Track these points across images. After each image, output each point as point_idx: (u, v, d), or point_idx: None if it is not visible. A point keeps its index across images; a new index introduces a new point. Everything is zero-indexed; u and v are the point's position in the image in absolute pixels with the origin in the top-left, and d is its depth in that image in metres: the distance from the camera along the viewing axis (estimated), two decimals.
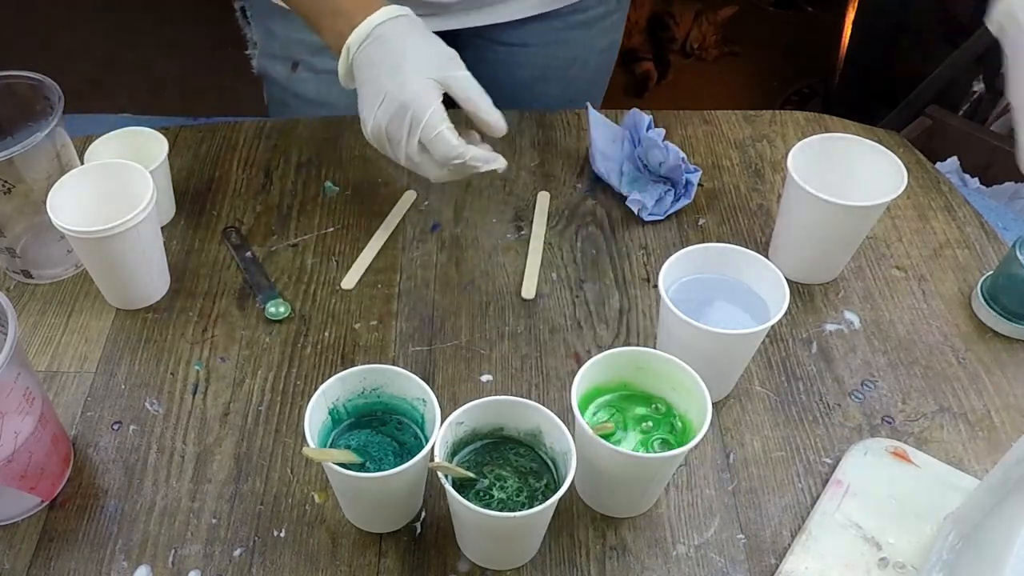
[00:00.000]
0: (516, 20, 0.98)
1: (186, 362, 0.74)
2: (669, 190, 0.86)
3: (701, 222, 0.86)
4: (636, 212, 0.85)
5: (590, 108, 0.89)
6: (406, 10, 0.74)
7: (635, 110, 0.89)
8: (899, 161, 0.76)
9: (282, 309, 0.77)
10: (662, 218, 0.85)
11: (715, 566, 0.63)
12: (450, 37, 1.01)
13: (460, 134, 0.72)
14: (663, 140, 0.85)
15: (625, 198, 0.86)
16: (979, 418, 0.71)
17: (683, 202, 0.86)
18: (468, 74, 0.73)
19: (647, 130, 0.86)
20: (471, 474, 0.59)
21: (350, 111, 0.80)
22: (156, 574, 0.62)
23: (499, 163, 0.74)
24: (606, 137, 0.88)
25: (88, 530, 0.64)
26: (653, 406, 0.65)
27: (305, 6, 0.78)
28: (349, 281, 0.80)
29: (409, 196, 0.87)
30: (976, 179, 1.67)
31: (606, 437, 0.60)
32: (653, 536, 0.64)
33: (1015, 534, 0.51)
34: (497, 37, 1.01)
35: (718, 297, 0.71)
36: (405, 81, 0.70)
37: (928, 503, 0.65)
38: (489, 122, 0.74)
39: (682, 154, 0.84)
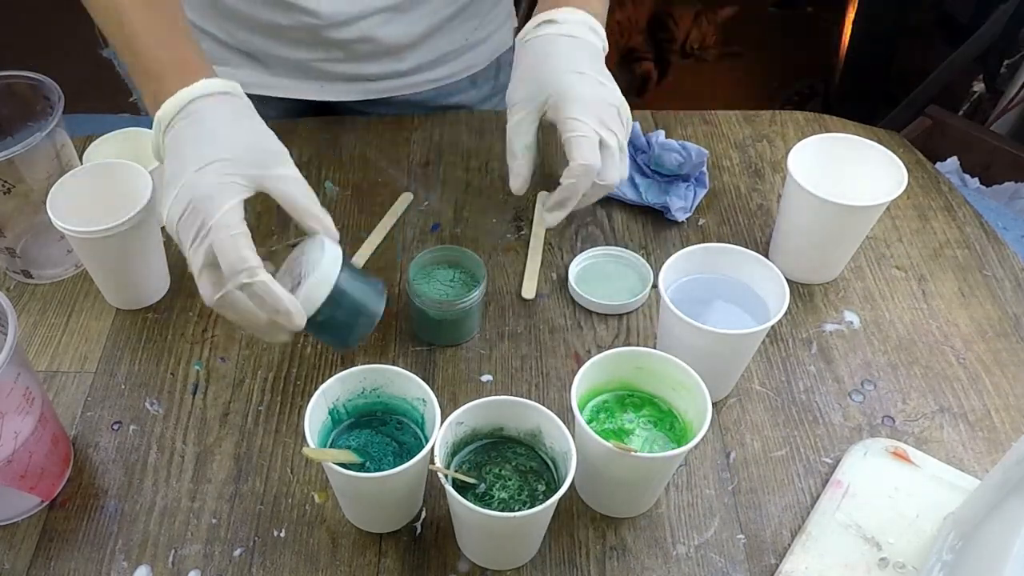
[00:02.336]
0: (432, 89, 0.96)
1: (186, 362, 0.74)
2: (690, 185, 0.86)
3: (701, 222, 0.86)
4: (675, 216, 0.85)
5: None
6: (232, 86, 0.64)
7: None
8: (899, 161, 0.76)
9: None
10: (691, 213, 0.86)
11: (715, 566, 0.63)
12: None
13: (274, 262, 0.62)
14: (667, 139, 0.85)
15: (643, 206, 0.86)
16: (979, 418, 0.71)
17: (703, 192, 0.86)
18: (292, 173, 0.62)
19: (648, 135, 0.86)
20: (472, 479, 0.58)
21: None
22: (156, 574, 0.62)
23: (290, 315, 0.58)
24: None
25: (88, 530, 0.64)
26: (653, 406, 0.65)
27: (126, 61, 0.66)
28: None
29: (405, 198, 0.87)
30: (976, 179, 1.67)
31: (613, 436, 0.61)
32: (653, 536, 0.64)
33: (1015, 534, 0.50)
34: (443, 102, 1.00)
35: (718, 297, 0.71)
36: (204, 173, 0.58)
37: (928, 503, 0.65)
38: (318, 228, 0.61)
39: (705, 151, 0.84)
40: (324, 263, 0.60)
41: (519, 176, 0.70)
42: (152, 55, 0.64)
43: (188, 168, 0.59)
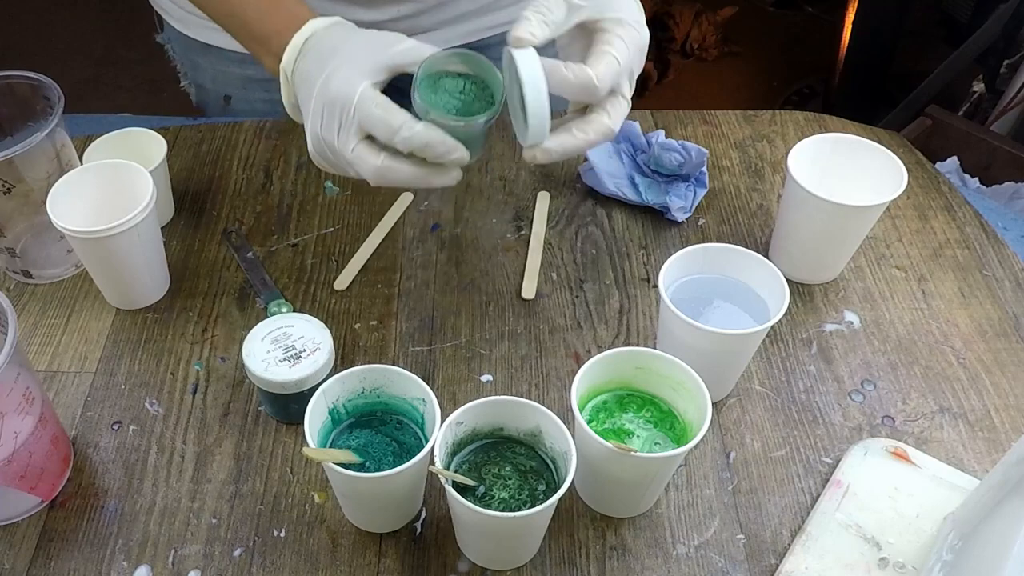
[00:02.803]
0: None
1: (186, 362, 0.74)
2: (690, 185, 0.86)
3: (701, 222, 0.86)
4: (675, 216, 0.85)
5: None
6: (336, 18, 0.66)
7: None
8: (899, 161, 0.76)
9: (284, 309, 0.77)
10: (691, 213, 0.86)
11: (715, 566, 0.63)
12: None
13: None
14: (667, 138, 0.85)
15: (643, 206, 0.86)
16: (979, 418, 0.72)
17: (702, 192, 0.86)
18: (414, 42, 0.62)
19: (648, 135, 0.86)
20: (471, 481, 0.58)
21: None
22: (156, 574, 0.62)
23: (457, 154, 0.61)
24: (602, 156, 0.87)
25: (88, 530, 0.64)
26: (653, 406, 0.65)
27: (238, 35, 0.71)
28: (342, 282, 0.80)
29: (406, 198, 0.87)
30: (976, 179, 1.67)
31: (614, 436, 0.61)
32: (653, 536, 0.64)
33: (1015, 534, 0.50)
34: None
35: (718, 297, 0.71)
36: (330, 76, 0.61)
37: (928, 503, 0.65)
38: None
39: (705, 150, 0.84)
40: (322, 364, 0.66)
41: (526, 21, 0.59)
42: (262, 20, 0.67)
43: (315, 85, 0.61)
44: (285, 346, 0.67)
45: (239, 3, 0.69)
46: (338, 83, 0.60)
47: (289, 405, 0.66)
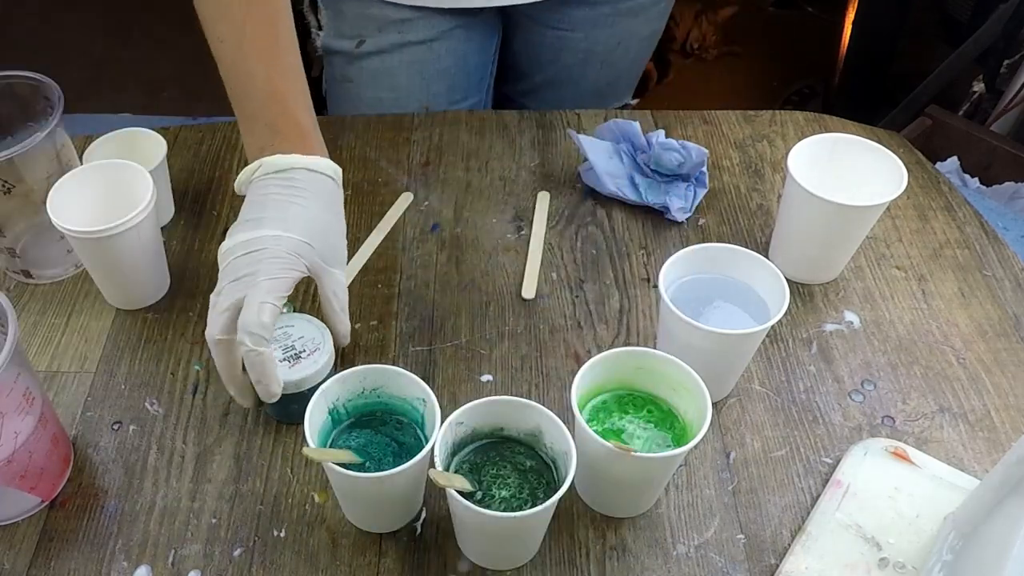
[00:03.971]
0: (566, 3, 0.98)
1: (186, 362, 0.74)
2: (690, 185, 0.86)
3: (701, 222, 0.86)
4: (675, 216, 0.85)
5: (574, 133, 0.89)
6: (336, 171, 0.69)
7: (614, 121, 0.88)
8: (899, 161, 0.76)
9: (285, 309, 0.77)
10: (691, 213, 0.86)
11: (715, 566, 0.63)
12: (503, 16, 1.01)
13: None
14: (667, 138, 0.85)
15: (643, 206, 0.86)
16: (979, 418, 0.72)
17: (702, 192, 0.86)
18: (342, 278, 0.68)
19: (648, 135, 0.86)
20: (468, 487, 0.58)
21: (411, 86, 0.74)
22: (156, 574, 0.62)
23: (271, 394, 0.62)
24: (602, 156, 0.87)
25: (88, 530, 0.64)
26: (653, 406, 0.65)
27: (238, 103, 0.70)
28: None
29: (406, 198, 0.87)
30: (976, 179, 1.67)
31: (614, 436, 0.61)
32: (653, 536, 0.64)
33: (1015, 534, 0.50)
34: (547, 21, 1.01)
35: (718, 297, 0.71)
36: (279, 240, 0.62)
37: (928, 503, 0.65)
38: (339, 329, 0.68)
39: (705, 150, 0.84)
40: (322, 364, 0.67)
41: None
42: (251, 110, 0.68)
43: (267, 227, 0.63)
44: (285, 346, 0.67)
45: (244, 75, 0.69)
46: (275, 254, 0.62)
47: (289, 405, 0.66)
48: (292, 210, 0.64)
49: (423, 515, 0.65)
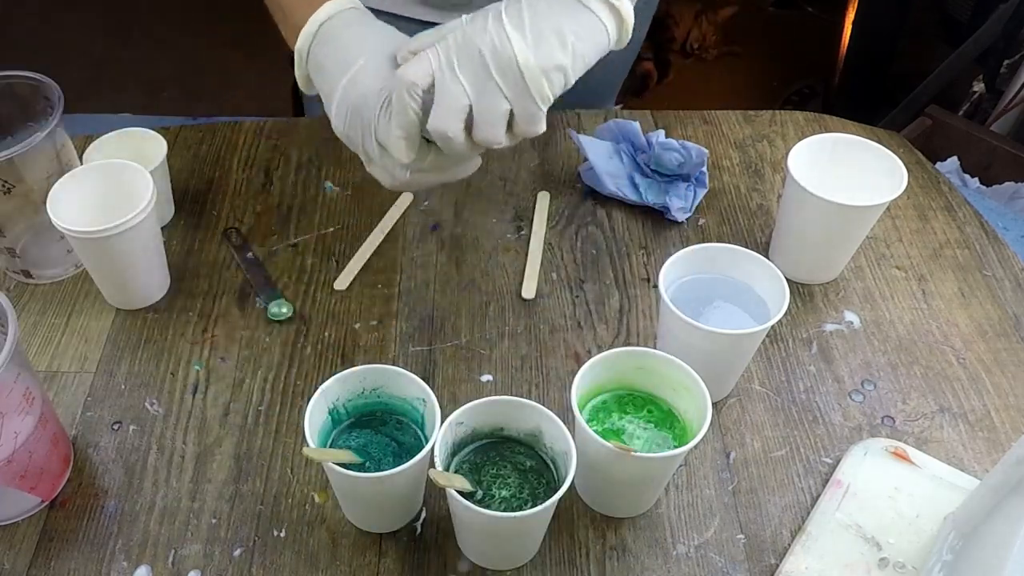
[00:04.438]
0: None
1: (186, 362, 0.74)
2: (690, 185, 0.86)
3: (701, 222, 0.86)
4: (675, 216, 0.85)
5: (574, 133, 0.89)
6: (355, 2, 0.67)
7: (614, 120, 0.88)
8: (899, 161, 0.76)
9: (284, 309, 0.77)
10: (691, 213, 0.86)
11: (715, 566, 0.63)
12: None
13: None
14: (667, 138, 0.85)
15: (643, 206, 0.86)
16: (979, 418, 0.72)
17: (702, 192, 0.86)
18: (428, 38, 0.63)
19: (648, 135, 0.86)
20: (468, 487, 0.58)
21: None
22: (156, 574, 0.62)
23: (467, 168, 0.64)
24: (602, 156, 0.87)
25: (88, 530, 0.64)
26: (654, 406, 0.65)
27: (280, 22, 0.71)
28: (342, 282, 0.80)
29: (406, 198, 0.87)
30: (976, 179, 1.67)
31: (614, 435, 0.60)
32: (653, 536, 0.64)
33: (1015, 534, 0.50)
34: None
35: (718, 297, 0.71)
36: (352, 82, 0.63)
37: (928, 503, 0.65)
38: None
39: (705, 150, 0.84)
40: None
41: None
42: (292, 6, 0.68)
43: (336, 81, 0.64)
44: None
45: None
46: (357, 91, 0.62)
47: None
48: (340, 56, 0.65)
49: (423, 515, 0.65)
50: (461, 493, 0.56)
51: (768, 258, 0.71)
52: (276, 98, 1.61)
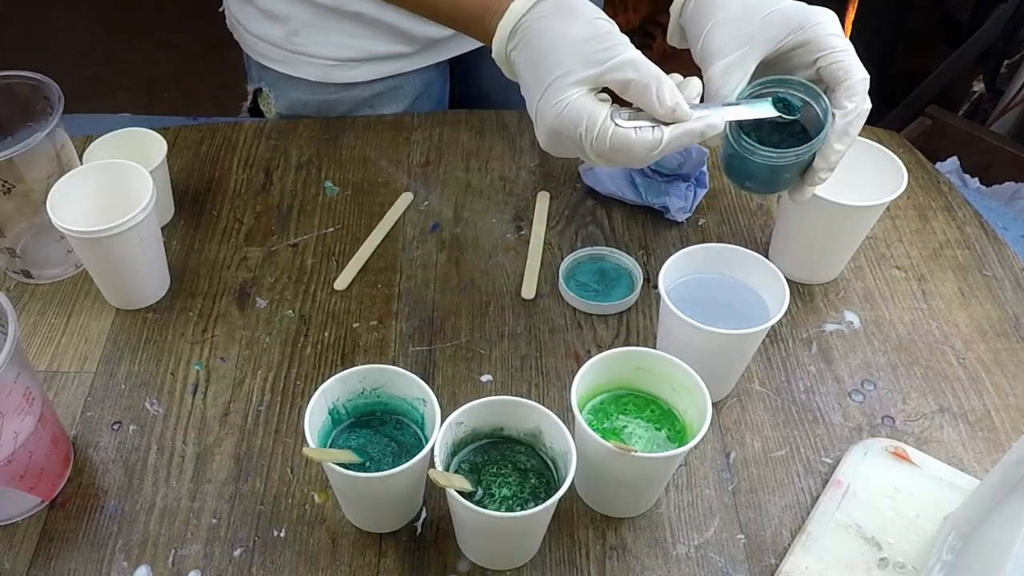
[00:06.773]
0: None
1: (186, 362, 0.74)
2: (690, 185, 0.86)
3: (701, 222, 0.86)
4: (675, 216, 0.85)
5: None
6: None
7: None
8: (899, 161, 0.76)
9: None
10: (691, 213, 0.86)
11: (715, 566, 0.63)
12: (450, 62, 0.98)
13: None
14: None
15: (643, 206, 0.86)
16: (979, 418, 0.72)
17: (702, 192, 0.86)
18: (626, 58, 0.60)
19: None
20: (468, 487, 0.58)
21: None
22: (156, 574, 0.62)
23: (713, 126, 0.61)
24: None
25: (88, 530, 0.64)
26: (654, 406, 0.65)
27: (449, 20, 0.71)
28: (342, 282, 0.80)
29: (406, 198, 0.87)
30: (976, 179, 1.67)
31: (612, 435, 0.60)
32: (653, 536, 0.64)
33: (1015, 534, 0.50)
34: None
35: (718, 297, 0.71)
36: (554, 92, 0.61)
37: (928, 503, 0.65)
38: (663, 114, 0.60)
39: (705, 150, 0.84)
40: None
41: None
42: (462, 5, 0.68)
43: (533, 94, 0.62)
44: None
45: None
46: (556, 109, 0.61)
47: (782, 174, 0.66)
48: (541, 62, 0.64)
49: (423, 515, 0.65)
50: (461, 493, 0.56)
51: (768, 258, 0.71)
52: None
